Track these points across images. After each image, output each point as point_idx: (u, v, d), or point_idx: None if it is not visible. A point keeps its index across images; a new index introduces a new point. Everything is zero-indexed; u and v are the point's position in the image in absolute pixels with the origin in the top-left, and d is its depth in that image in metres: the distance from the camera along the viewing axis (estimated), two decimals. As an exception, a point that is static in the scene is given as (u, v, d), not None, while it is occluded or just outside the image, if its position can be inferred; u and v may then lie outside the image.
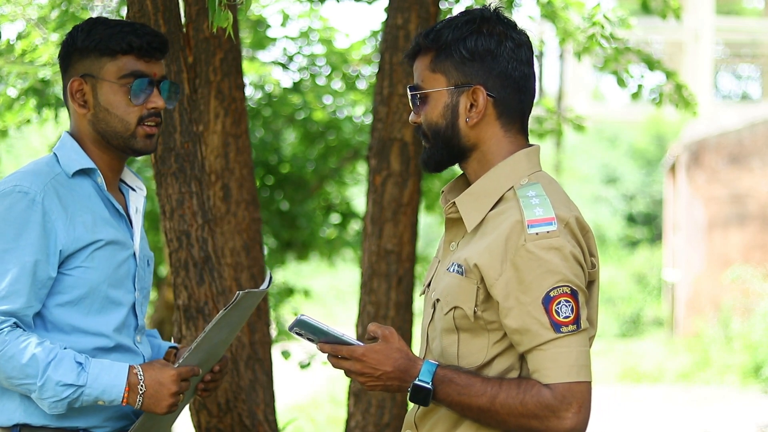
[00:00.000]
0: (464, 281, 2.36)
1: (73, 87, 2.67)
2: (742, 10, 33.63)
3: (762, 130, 16.99)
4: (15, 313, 2.53)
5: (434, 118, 2.42)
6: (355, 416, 4.03)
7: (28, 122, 5.47)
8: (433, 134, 2.43)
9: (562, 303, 2.28)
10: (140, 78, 2.65)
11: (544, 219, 2.30)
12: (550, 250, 2.28)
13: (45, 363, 2.50)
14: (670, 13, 5.45)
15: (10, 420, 2.59)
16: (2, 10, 4.95)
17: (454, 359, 2.38)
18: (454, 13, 5.83)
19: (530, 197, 2.34)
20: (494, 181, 2.40)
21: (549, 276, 2.28)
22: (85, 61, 2.66)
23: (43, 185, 2.58)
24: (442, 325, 2.41)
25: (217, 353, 2.75)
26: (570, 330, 2.28)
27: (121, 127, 2.66)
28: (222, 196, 3.76)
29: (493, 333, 2.36)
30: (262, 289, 2.72)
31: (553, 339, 2.28)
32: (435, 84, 2.41)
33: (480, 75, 2.39)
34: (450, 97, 2.40)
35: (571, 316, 2.28)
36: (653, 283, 21.34)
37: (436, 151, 2.44)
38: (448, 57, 2.40)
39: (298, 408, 11.51)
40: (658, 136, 25.63)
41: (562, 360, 2.28)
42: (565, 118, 7.00)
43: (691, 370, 14.64)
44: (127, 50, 2.64)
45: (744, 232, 16.97)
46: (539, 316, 2.28)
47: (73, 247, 2.58)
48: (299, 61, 7.21)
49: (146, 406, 2.58)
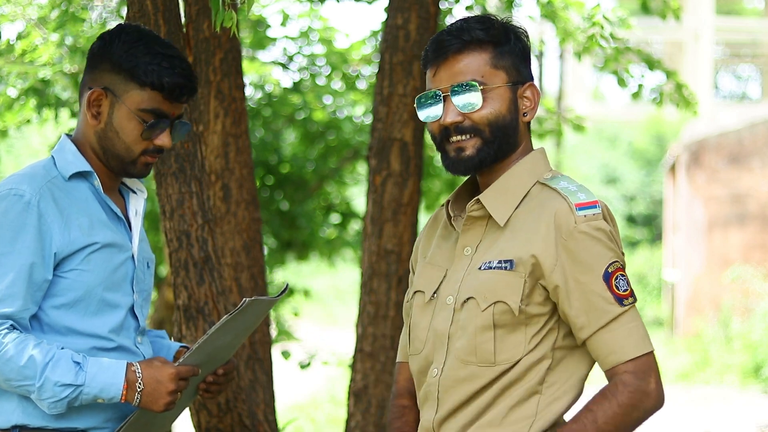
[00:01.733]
0: (510, 275, 2.38)
1: (92, 96, 2.64)
2: (742, 10, 33.62)
3: (762, 130, 16.99)
4: (12, 315, 2.53)
5: (502, 113, 2.43)
6: (355, 416, 4.03)
7: (28, 122, 5.47)
8: (495, 130, 2.42)
9: (619, 278, 2.37)
10: (159, 118, 2.63)
11: (590, 202, 2.38)
12: (599, 230, 2.37)
13: (43, 364, 2.50)
14: (669, 13, 5.46)
15: (8, 421, 2.58)
16: (2, 10, 4.95)
17: (491, 355, 2.39)
18: (454, 13, 5.85)
19: (567, 186, 2.41)
20: (518, 177, 2.45)
21: (604, 254, 2.36)
22: (113, 75, 2.62)
23: (39, 188, 2.58)
24: (477, 323, 2.39)
25: (219, 356, 2.74)
26: (630, 302, 2.37)
27: (124, 153, 2.65)
28: (222, 196, 3.76)
29: (530, 327, 2.39)
30: (270, 298, 2.70)
31: (621, 314, 2.36)
32: (497, 80, 2.43)
33: (530, 73, 2.48)
34: (511, 93, 2.44)
35: (629, 289, 2.38)
36: (653, 283, 21.35)
37: (494, 147, 2.43)
38: (509, 53, 2.44)
39: (298, 408, 11.51)
40: (658, 136, 25.63)
41: (636, 334, 2.36)
42: (565, 118, 7.00)
43: (691, 370, 14.64)
44: (156, 87, 2.61)
45: (744, 232, 16.97)
46: (603, 293, 2.35)
47: (69, 250, 2.58)
48: (299, 61, 7.21)
49: (144, 403, 2.57)
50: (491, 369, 2.38)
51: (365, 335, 4.02)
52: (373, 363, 4.00)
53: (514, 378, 2.38)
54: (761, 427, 10.62)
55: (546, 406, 2.39)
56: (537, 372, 2.38)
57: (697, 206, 17.30)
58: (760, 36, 28.34)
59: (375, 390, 4.01)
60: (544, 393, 2.39)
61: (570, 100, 25.16)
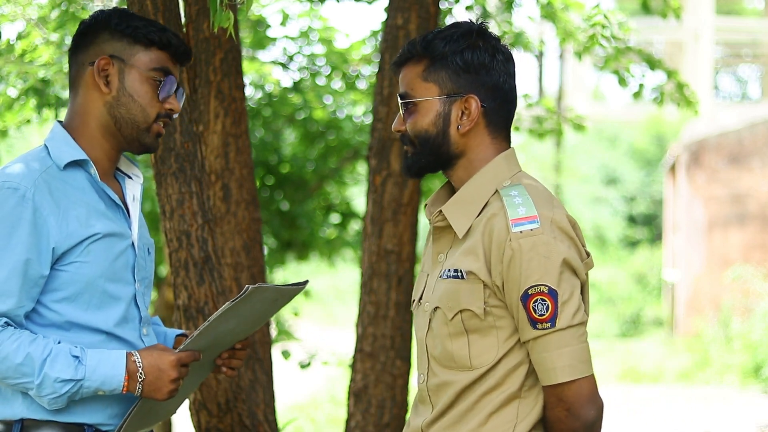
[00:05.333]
0: (465, 284, 2.41)
1: (100, 64, 2.62)
2: (742, 10, 33.62)
3: (762, 130, 16.98)
4: (6, 313, 2.50)
5: (425, 126, 2.48)
6: (355, 416, 4.03)
7: (28, 122, 5.46)
8: (421, 141, 2.48)
9: (539, 301, 2.36)
10: (170, 75, 2.66)
11: (527, 217, 2.38)
12: (532, 248, 2.36)
13: (41, 360, 2.48)
14: (670, 13, 5.45)
15: (14, 414, 2.56)
16: (2, 10, 4.95)
17: (467, 360, 2.43)
18: (454, 13, 5.85)
19: (513, 197, 2.41)
20: (479, 186, 2.47)
21: (529, 275, 2.36)
22: (115, 43, 2.63)
23: (34, 180, 2.53)
24: (448, 331, 2.44)
25: (223, 343, 2.72)
26: (545, 328, 2.36)
27: (141, 117, 2.64)
28: (222, 196, 3.76)
29: (501, 330, 2.41)
30: (276, 286, 2.65)
31: (537, 338, 2.38)
32: (426, 93, 2.48)
33: (473, 85, 2.47)
34: (442, 106, 2.47)
35: (546, 314, 2.36)
36: (653, 283, 21.34)
37: (421, 158, 2.50)
38: (443, 67, 2.47)
39: (298, 408, 11.51)
40: (658, 136, 25.63)
41: (545, 363, 2.38)
42: (565, 118, 7.00)
43: (691, 370, 14.64)
44: (162, 46, 2.64)
45: (744, 232, 16.97)
46: (522, 313, 2.38)
47: (67, 244, 2.54)
48: (299, 60, 7.20)
49: (147, 392, 2.55)
50: (470, 372, 2.43)
51: (365, 335, 4.02)
52: (373, 363, 4.00)
53: (494, 384, 2.42)
54: (761, 427, 10.62)
55: (528, 410, 2.42)
56: (516, 377, 2.42)
57: (697, 206, 17.30)
58: (760, 36, 28.33)
59: (375, 390, 4.01)
60: (524, 397, 2.43)
61: (570, 100, 25.15)
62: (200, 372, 2.77)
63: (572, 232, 2.40)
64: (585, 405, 2.37)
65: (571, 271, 2.38)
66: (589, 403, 2.38)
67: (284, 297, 2.72)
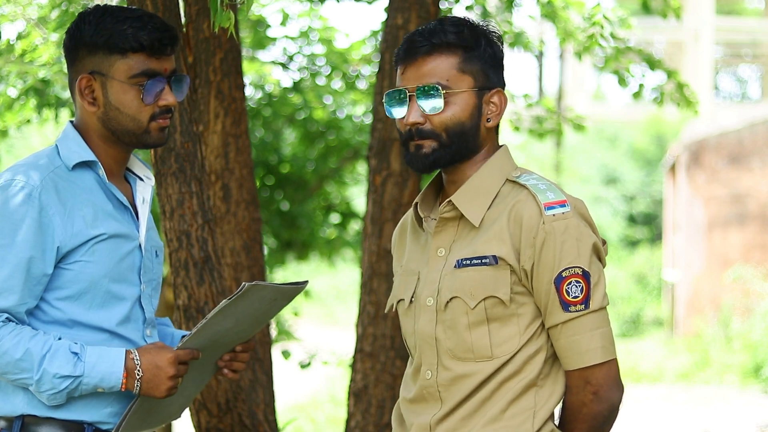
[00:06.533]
0: (493, 270, 2.41)
1: (81, 84, 2.60)
2: (742, 10, 33.62)
3: (762, 130, 16.98)
4: (7, 309, 2.50)
5: (462, 119, 2.45)
6: (355, 416, 4.03)
7: (28, 122, 5.46)
8: (454, 134, 2.45)
9: (573, 283, 2.37)
10: (152, 78, 2.60)
11: (558, 201, 2.40)
12: (565, 231, 2.38)
13: (40, 356, 2.48)
14: (670, 13, 5.45)
15: (14, 411, 2.56)
16: (2, 10, 4.95)
17: (487, 350, 2.42)
18: (454, 13, 5.85)
19: (536, 183, 2.43)
20: (487, 177, 2.47)
21: (564, 257, 2.37)
22: (93, 57, 2.59)
23: (41, 179, 2.53)
24: (468, 321, 2.43)
25: (223, 342, 2.71)
26: (578, 310, 2.38)
27: (133, 125, 2.61)
28: (222, 196, 3.76)
29: (522, 318, 2.42)
30: (275, 284, 2.64)
31: (567, 321, 2.39)
32: (463, 84, 2.46)
33: (500, 79, 2.50)
34: (477, 99, 2.46)
35: (580, 296, 2.38)
36: (653, 283, 21.34)
37: (450, 151, 2.46)
38: (477, 58, 2.46)
39: (298, 408, 11.51)
40: (658, 136, 25.63)
41: (576, 347, 2.39)
42: (565, 118, 7.00)
43: (691, 370, 14.64)
44: (137, 48, 2.57)
45: (744, 232, 16.97)
46: (553, 296, 2.38)
47: (72, 243, 2.54)
48: (299, 60, 7.20)
49: (145, 390, 2.55)
50: (490, 363, 2.42)
51: (365, 335, 4.02)
52: (373, 363, 4.00)
53: (513, 371, 2.42)
54: (761, 427, 10.62)
55: (545, 398, 2.43)
56: (534, 365, 2.42)
57: (697, 206, 17.30)
58: (760, 36, 28.33)
59: (375, 390, 4.00)
60: (542, 385, 2.43)
61: (570, 100, 25.15)
62: (203, 374, 2.77)
63: (591, 219, 2.44)
64: (612, 387, 2.40)
65: (597, 256, 2.42)
66: (615, 384, 2.40)
67: (283, 297, 2.72)
